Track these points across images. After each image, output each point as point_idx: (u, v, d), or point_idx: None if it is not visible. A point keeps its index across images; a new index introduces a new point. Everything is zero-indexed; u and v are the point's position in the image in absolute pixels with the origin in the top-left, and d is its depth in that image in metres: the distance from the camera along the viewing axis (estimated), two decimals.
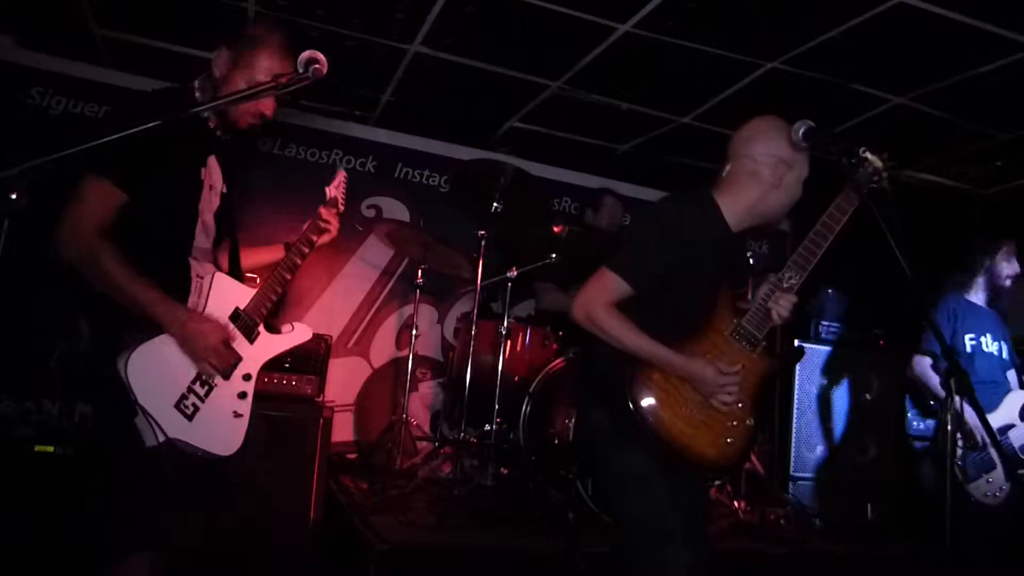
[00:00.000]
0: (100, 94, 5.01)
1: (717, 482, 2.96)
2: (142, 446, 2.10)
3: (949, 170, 5.68)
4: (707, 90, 4.77)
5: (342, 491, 3.87)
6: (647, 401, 2.22)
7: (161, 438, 2.10)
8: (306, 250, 2.58)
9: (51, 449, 3.38)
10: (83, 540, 2.30)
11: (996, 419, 3.59)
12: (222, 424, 2.26)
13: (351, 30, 4.28)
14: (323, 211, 2.71)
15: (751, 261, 4.41)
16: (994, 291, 3.86)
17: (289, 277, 2.47)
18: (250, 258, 2.63)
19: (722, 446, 2.28)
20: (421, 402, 5.66)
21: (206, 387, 2.23)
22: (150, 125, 1.65)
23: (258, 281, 2.51)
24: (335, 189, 2.85)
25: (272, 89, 1.82)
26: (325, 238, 2.71)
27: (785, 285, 2.36)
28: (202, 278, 2.31)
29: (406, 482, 4.05)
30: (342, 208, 2.85)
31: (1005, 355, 3.78)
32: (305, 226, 2.65)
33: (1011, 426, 3.57)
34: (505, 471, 4.11)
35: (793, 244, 6.77)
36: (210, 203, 2.39)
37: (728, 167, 2.44)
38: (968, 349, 3.75)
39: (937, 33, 3.78)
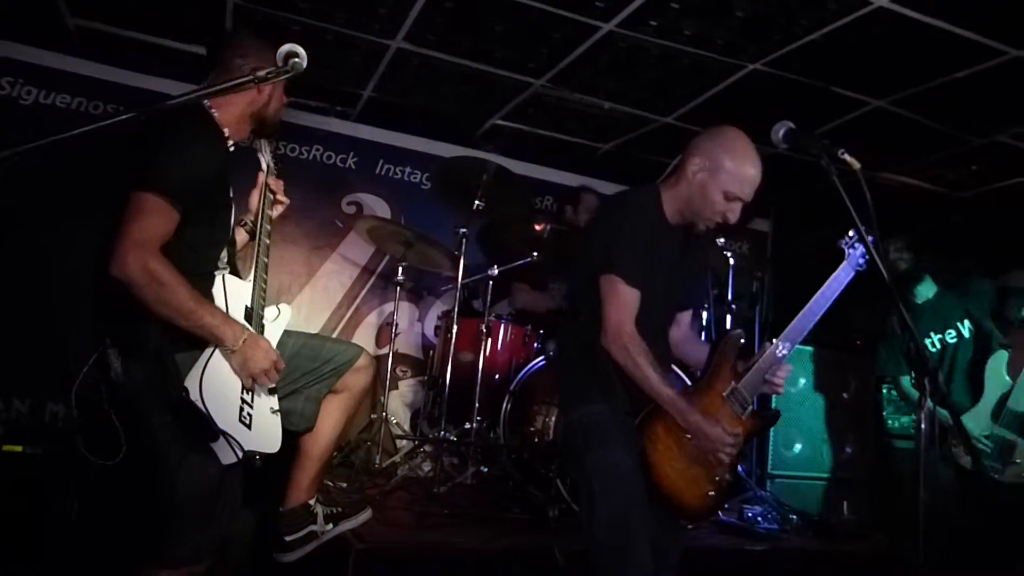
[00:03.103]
0: (72, 85, 4.93)
1: (690, 526, 3.07)
2: (218, 465, 2.13)
3: (926, 173, 5.74)
4: (689, 90, 4.79)
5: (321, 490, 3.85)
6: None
7: (240, 454, 2.13)
8: (269, 227, 2.56)
9: (20, 449, 3.33)
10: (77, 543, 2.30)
11: (990, 397, 3.54)
12: (268, 423, 2.31)
13: (333, 24, 4.25)
14: (271, 182, 2.64)
15: (704, 261, 4.48)
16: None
17: (267, 261, 2.46)
18: None
19: (704, 498, 2.39)
20: (401, 400, 5.64)
21: (251, 393, 2.27)
22: (123, 118, 1.63)
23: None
24: (268, 155, 2.77)
25: (250, 82, 1.80)
26: (280, 209, 2.67)
27: (779, 355, 2.48)
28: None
29: (385, 481, 4.05)
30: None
31: (953, 339, 3.73)
32: (256, 203, 2.60)
33: (1006, 392, 3.54)
34: (485, 469, 4.11)
35: (772, 243, 6.86)
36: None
37: (676, 160, 2.52)
38: (911, 356, 3.79)
39: (916, 38, 3.82)
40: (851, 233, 2.57)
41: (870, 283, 2.42)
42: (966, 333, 3.68)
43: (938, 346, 3.75)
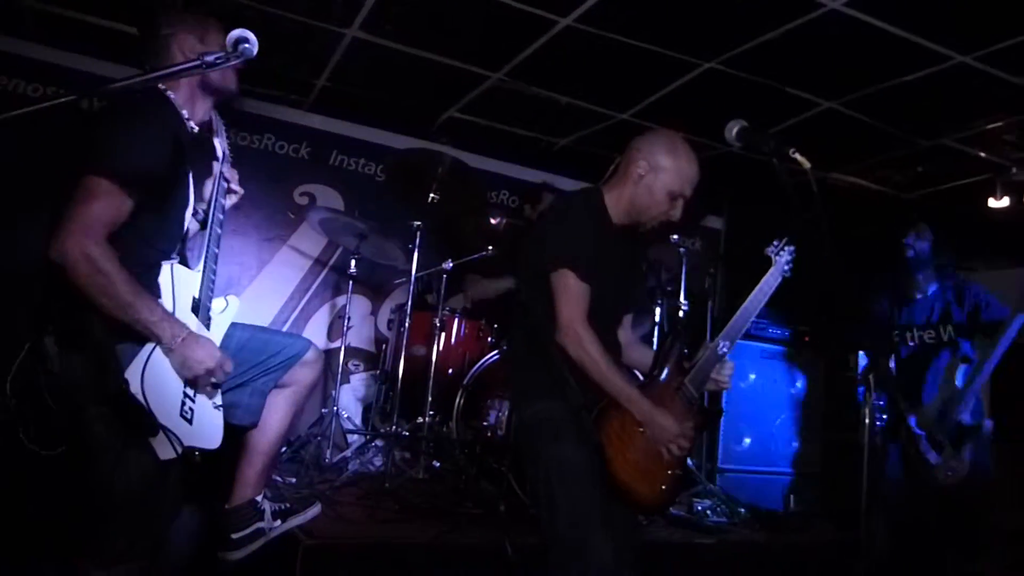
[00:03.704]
0: (27, 70, 4.75)
1: (644, 521, 3.14)
2: (156, 460, 2.06)
3: (874, 174, 5.87)
4: (646, 87, 4.82)
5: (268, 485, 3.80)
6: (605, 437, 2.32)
7: (179, 449, 2.07)
8: (222, 217, 2.51)
9: None
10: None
11: (940, 399, 3.63)
12: (210, 419, 2.27)
13: (287, 11, 4.18)
14: (227, 171, 2.59)
15: (654, 261, 4.57)
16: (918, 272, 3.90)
17: (218, 251, 2.41)
18: None
19: (657, 491, 2.43)
20: (353, 394, 5.59)
21: (193, 387, 2.22)
22: (68, 99, 1.58)
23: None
24: (225, 143, 2.73)
25: (198, 67, 1.76)
26: (234, 199, 2.62)
27: (720, 352, 2.58)
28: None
29: (336, 476, 4.01)
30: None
31: (932, 339, 3.81)
32: (210, 192, 2.53)
33: (953, 398, 3.58)
34: (438, 464, 4.11)
35: (725, 240, 6.95)
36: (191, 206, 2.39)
37: (616, 161, 2.58)
38: (892, 343, 3.88)
39: (867, 41, 3.89)
40: (775, 241, 2.75)
41: (823, 279, 2.47)
42: (945, 337, 3.78)
43: (916, 341, 3.84)
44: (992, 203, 5.48)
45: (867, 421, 2.12)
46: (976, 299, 3.80)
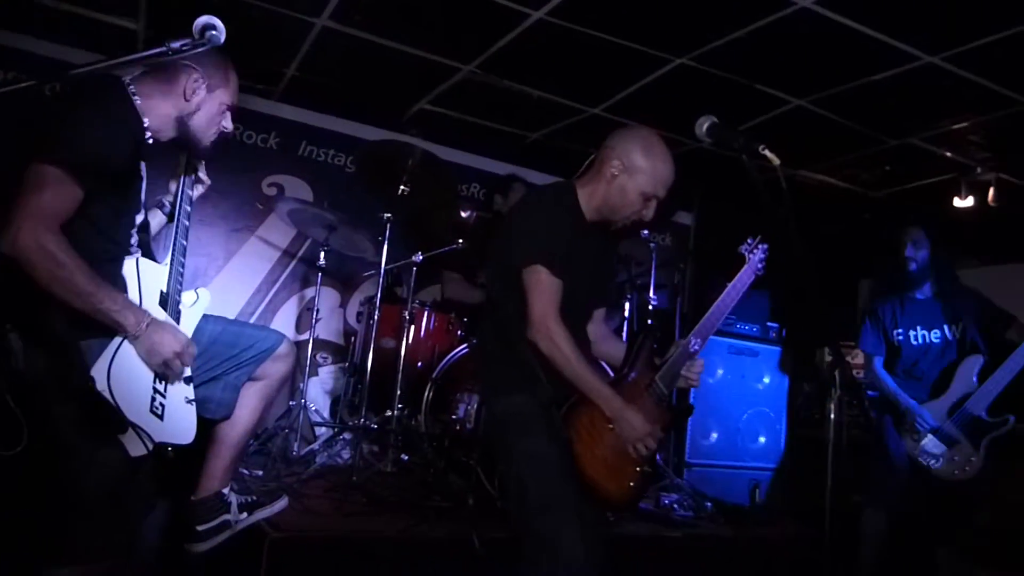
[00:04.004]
0: None
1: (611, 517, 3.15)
2: (125, 456, 2.03)
3: (842, 172, 5.95)
4: (618, 82, 4.84)
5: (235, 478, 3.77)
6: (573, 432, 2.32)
7: (150, 446, 2.05)
8: (189, 209, 2.48)
9: None
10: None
11: (952, 394, 3.69)
12: (182, 414, 2.24)
13: None
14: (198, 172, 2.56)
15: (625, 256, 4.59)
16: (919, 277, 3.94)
17: (186, 244, 2.38)
18: None
19: (625, 488, 2.43)
20: (321, 387, 5.55)
21: (163, 382, 2.19)
22: (28, 84, 1.54)
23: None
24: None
25: (163, 55, 1.72)
26: (201, 189, 2.59)
27: (692, 349, 2.58)
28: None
29: (303, 469, 3.99)
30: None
31: (938, 339, 3.85)
32: (178, 185, 2.50)
33: (969, 394, 3.67)
34: (406, 458, 4.09)
35: (695, 236, 7.00)
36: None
37: (591, 157, 2.57)
38: (895, 343, 3.92)
39: (836, 40, 3.94)
40: (749, 239, 2.78)
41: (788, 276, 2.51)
42: (950, 336, 3.82)
43: (921, 341, 3.88)
44: (957, 202, 5.57)
45: (832, 417, 2.14)
46: (974, 298, 3.84)
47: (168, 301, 2.26)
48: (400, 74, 5.00)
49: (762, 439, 5.27)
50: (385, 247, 4.23)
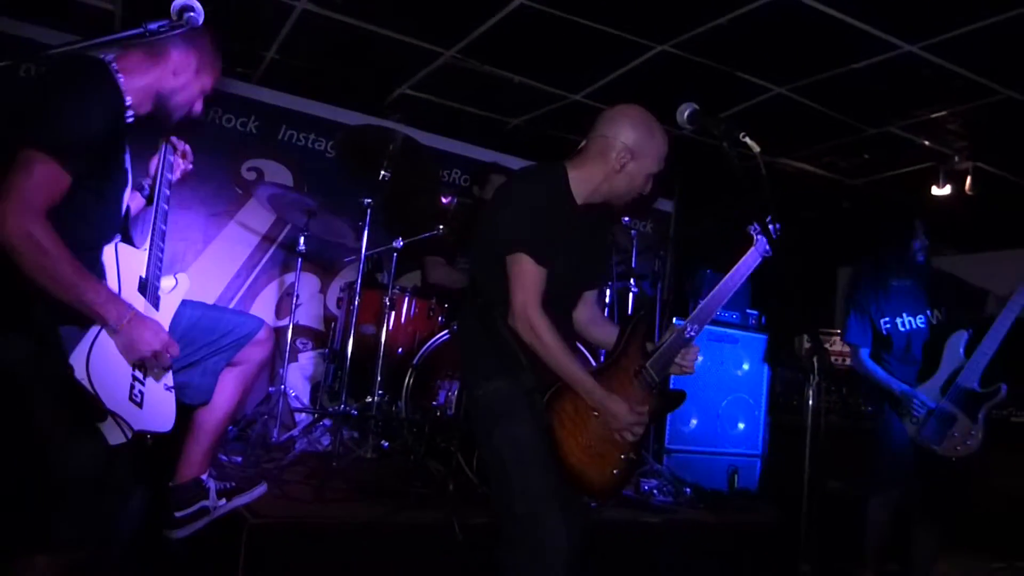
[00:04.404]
0: None
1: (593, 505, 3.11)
2: (105, 446, 2.02)
3: (821, 160, 5.99)
4: (599, 68, 4.84)
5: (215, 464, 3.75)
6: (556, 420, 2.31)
7: (129, 434, 2.03)
8: (168, 193, 2.45)
9: None
10: None
11: (943, 372, 3.71)
12: (162, 401, 2.23)
13: None
14: (177, 141, 2.54)
15: (615, 240, 4.57)
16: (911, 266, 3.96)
17: (165, 228, 2.35)
18: None
19: (608, 476, 2.41)
20: (301, 373, 5.55)
21: (143, 370, 2.17)
22: (3, 64, 1.52)
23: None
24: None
25: (140, 36, 1.70)
26: (180, 169, 2.57)
27: (687, 336, 2.55)
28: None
29: (283, 455, 3.97)
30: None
31: (923, 324, 3.88)
32: (157, 168, 2.48)
33: (959, 369, 3.67)
34: (386, 444, 4.09)
35: (676, 224, 7.03)
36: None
37: (584, 141, 2.52)
38: (884, 332, 3.94)
39: (817, 28, 3.96)
40: (756, 221, 2.63)
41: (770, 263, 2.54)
42: (935, 320, 3.84)
43: (908, 327, 3.90)
44: (935, 190, 5.62)
45: (811, 404, 2.16)
46: (949, 280, 3.87)
47: (147, 287, 2.24)
48: (381, 58, 4.97)
49: (741, 425, 5.31)
50: (366, 233, 4.22)
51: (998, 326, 3.58)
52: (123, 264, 2.18)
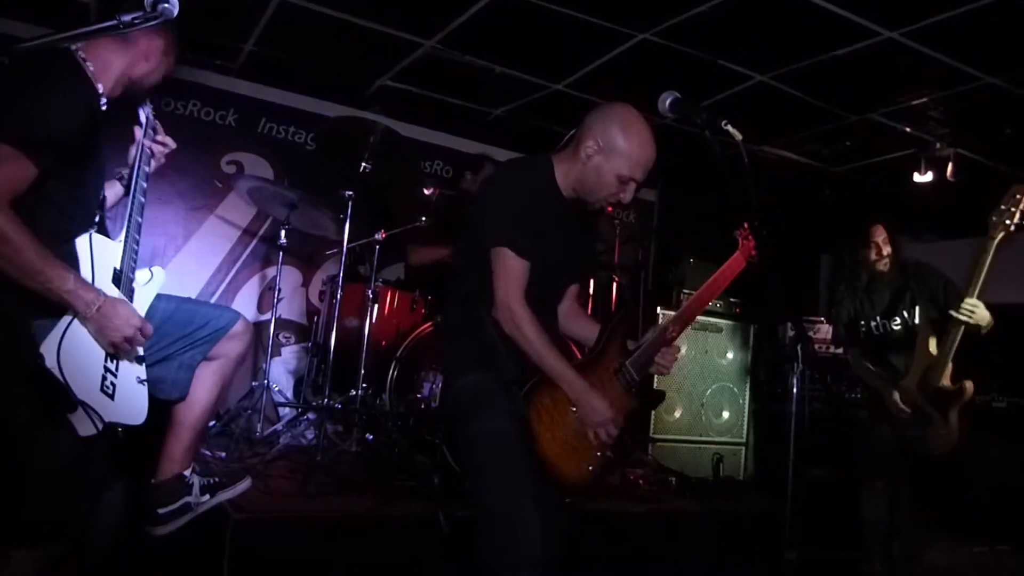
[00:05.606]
0: None
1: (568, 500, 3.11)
2: (76, 437, 2.00)
3: (803, 147, 6.01)
4: (581, 57, 4.82)
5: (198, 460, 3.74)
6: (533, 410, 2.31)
7: (100, 426, 2.02)
8: (145, 184, 2.43)
9: None
10: None
11: (915, 372, 3.71)
12: (134, 394, 2.21)
13: None
14: (147, 140, 2.51)
15: (599, 233, 4.57)
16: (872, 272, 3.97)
17: (141, 220, 2.34)
18: None
19: (584, 472, 2.40)
20: (284, 367, 5.53)
21: (115, 361, 2.16)
22: None
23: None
24: (148, 107, 2.64)
25: (114, 28, 1.68)
26: (154, 164, 2.55)
27: (668, 336, 2.52)
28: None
29: (267, 449, 3.97)
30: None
31: (899, 326, 3.89)
32: (135, 158, 2.46)
33: (929, 367, 3.63)
34: (371, 437, 4.09)
35: (659, 213, 7.05)
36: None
37: (571, 133, 2.50)
38: (861, 335, 3.97)
39: (798, 15, 3.96)
40: (744, 224, 2.69)
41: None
42: (910, 321, 3.84)
43: (883, 330, 3.90)
44: (917, 177, 5.65)
45: (795, 392, 2.17)
46: (934, 281, 3.88)
47: (122, 279, 2.23)
48: (361, 50, 4.93)
49: (726, 414, 5.35)
50: (347, 225, 4.20)
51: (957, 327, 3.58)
52: (98, 254, 2.17)
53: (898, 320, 3.87)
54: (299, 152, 5.70)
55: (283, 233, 4.56)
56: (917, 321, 3.81)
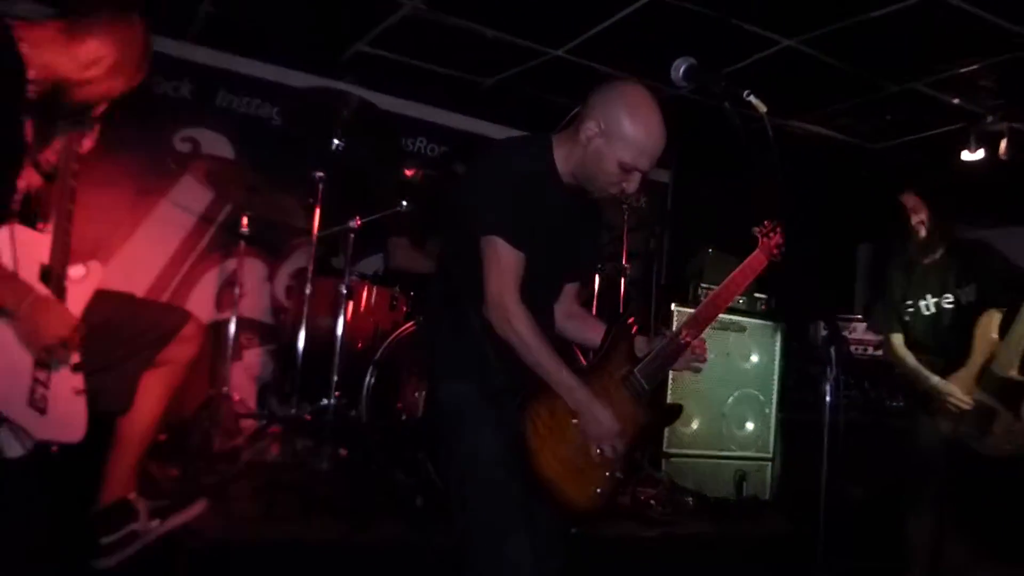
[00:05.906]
0: None
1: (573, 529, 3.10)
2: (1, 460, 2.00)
3: (837, 122, 6.01)
4: (583, 19, 4.81)
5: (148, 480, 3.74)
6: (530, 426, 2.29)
7: (29, 445, 2.01)
8: (76, 167, 2.41)
9: None
10: None
11: (975, 360, 3.70)
12: (70, 407, 2.20)
13: None
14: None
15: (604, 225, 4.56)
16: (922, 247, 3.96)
17: (72, 208, 2.32)
18: None
19: (589, 495, 2.38)
20: (246, 373, 5.52)
21: (46, 370, 2.14)
22: None
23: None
24: None
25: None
26: (88, 143, 2.52)
27: (682, 340, 2.52)
28: None
29: (227, 467, 3.96)
30: None
31: (950, 304, 3.88)
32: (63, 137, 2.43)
33: (993, 355, 3.63)
34: (344, 452, 4.08)
35: (673, 197, 7.04)
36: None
37: (575, 111, 2.47)
38: (907, 318, 3.96)
39: None
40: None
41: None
42: (963, 300, 3.83)
43: (933, 309, 3.90)
44: (966, 155, 5.65)
45: (828, 399, 2.17)
46: (993, 258, 3.87)
47: (51, 276, 2.20)
48: (334, 11, 4.93)
49: (749, 425, 5.34)
50: (317, 211, 4.20)
51: None
52: (21, 248, 2.15)
53: (950, 298, 3.85)
54: (263, 128, 5.69)
55: (245, 220, 4.54)
56: (969, 299, 3.79)
